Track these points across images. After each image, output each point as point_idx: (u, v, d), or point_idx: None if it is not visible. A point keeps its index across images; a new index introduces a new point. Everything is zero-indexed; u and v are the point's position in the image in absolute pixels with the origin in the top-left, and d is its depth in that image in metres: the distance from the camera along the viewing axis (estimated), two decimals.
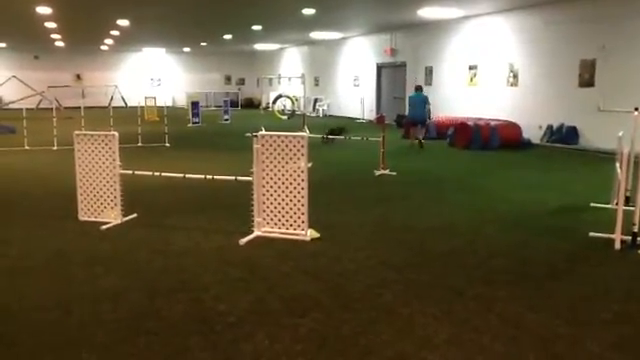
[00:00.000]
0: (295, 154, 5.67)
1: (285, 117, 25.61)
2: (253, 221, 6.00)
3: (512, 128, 14.90)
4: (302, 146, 5.64)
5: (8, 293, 4.53)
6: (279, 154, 5.74)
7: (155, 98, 24.80)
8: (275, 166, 5.76)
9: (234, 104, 31.71)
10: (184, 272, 4.97)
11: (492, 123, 14.82)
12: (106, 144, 6.48)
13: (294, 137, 5.69)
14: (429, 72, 20.25)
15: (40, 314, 4.09)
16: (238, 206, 6.83)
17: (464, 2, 15.10)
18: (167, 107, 17.46)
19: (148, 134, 15.16)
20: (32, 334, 3.78)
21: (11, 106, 22.32)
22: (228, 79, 39.33)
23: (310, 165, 5.85)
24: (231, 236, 5.95)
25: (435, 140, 15.61)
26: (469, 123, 14.64)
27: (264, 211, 5.91)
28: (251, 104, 36.83)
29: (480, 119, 15.45)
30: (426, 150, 13.99)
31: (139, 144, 14.26)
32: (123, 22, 19.96)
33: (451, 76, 19.07)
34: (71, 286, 4.66)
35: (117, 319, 3.99)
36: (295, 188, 5.73)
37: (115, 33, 23.84)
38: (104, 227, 6.37)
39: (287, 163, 5.71)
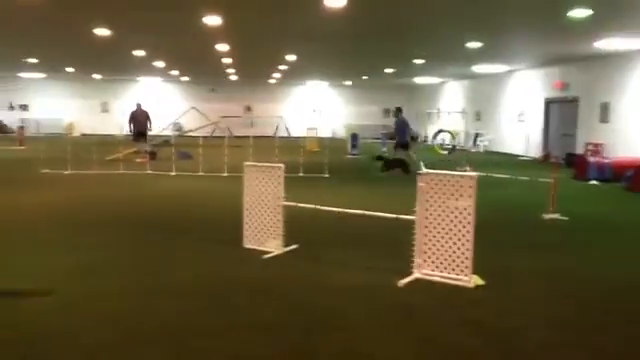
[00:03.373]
0: (462, 195, 5.36)
1: (445, 152, 25.06)
2: (413, 261, 5.76)
3: None
4: (470, 187, 5.31)
5: (177, 315, 4.72)
6: (444, 194, 5.46)
7: (317, 129, 25.66)
8: (440, 206, 5.49)
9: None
10: (341, 310, 4.86)
11: None
12: (272, 175, 6.69)
13: (462, 177, 5.39)
14: (605, 108, 18.61)
15: (203, 340, 4.19)
16: (396, 244, 6.63)
17: None
18: (328, 138, 17.91)
19: (309, 164, 15.63)
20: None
21: (190, 134, 24.57)
22: (386, 112, 39.67)
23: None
24: (389, 275, 5.74)
25: (611, 182, 14.20)
26: None
27: (425, 252, 5.65)
28: None
29: None
30: (601, 194, 12.74)
31: (300, 174, 14.72)
32: (291, 57, 21.04)
33: (633, 113, 17.33)
34: (233, 314, 4.76)
35: (274, 354, 3.97)
36: (460, 230, 5.40)
37: (283, 67, 25.20)
38: (266, 256, 6.52)
39: (452, 203, 5.42)
